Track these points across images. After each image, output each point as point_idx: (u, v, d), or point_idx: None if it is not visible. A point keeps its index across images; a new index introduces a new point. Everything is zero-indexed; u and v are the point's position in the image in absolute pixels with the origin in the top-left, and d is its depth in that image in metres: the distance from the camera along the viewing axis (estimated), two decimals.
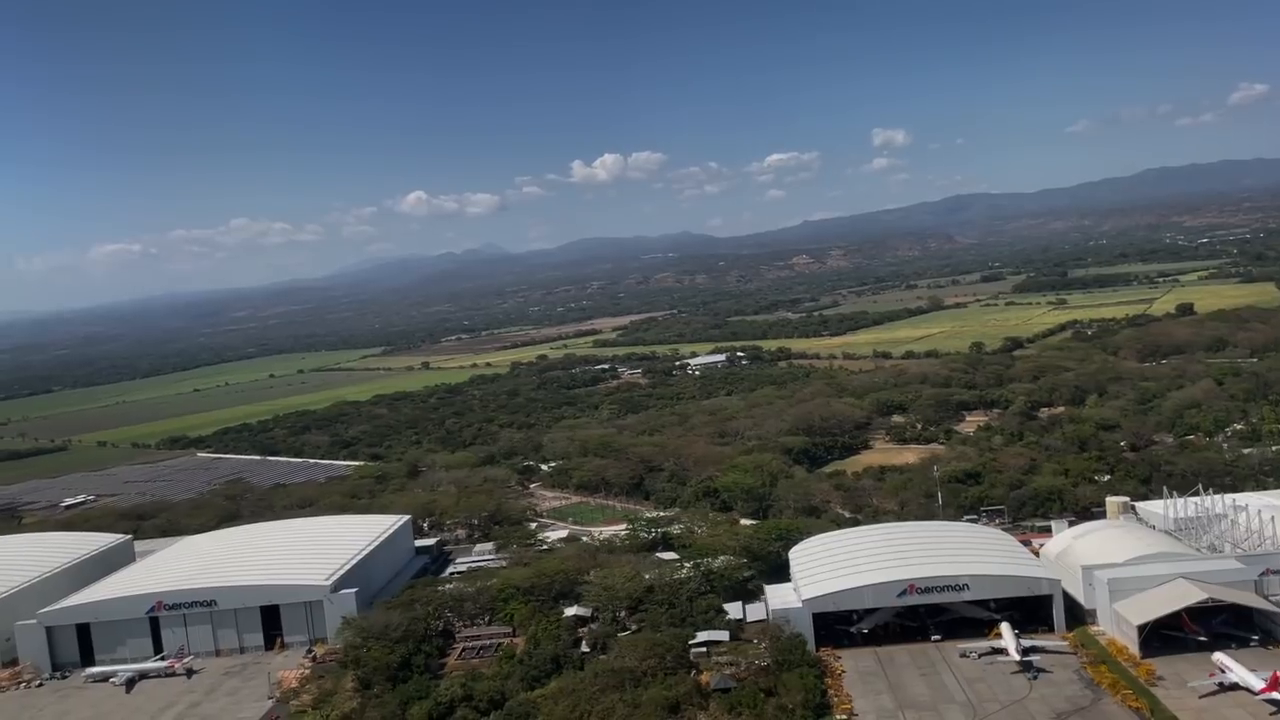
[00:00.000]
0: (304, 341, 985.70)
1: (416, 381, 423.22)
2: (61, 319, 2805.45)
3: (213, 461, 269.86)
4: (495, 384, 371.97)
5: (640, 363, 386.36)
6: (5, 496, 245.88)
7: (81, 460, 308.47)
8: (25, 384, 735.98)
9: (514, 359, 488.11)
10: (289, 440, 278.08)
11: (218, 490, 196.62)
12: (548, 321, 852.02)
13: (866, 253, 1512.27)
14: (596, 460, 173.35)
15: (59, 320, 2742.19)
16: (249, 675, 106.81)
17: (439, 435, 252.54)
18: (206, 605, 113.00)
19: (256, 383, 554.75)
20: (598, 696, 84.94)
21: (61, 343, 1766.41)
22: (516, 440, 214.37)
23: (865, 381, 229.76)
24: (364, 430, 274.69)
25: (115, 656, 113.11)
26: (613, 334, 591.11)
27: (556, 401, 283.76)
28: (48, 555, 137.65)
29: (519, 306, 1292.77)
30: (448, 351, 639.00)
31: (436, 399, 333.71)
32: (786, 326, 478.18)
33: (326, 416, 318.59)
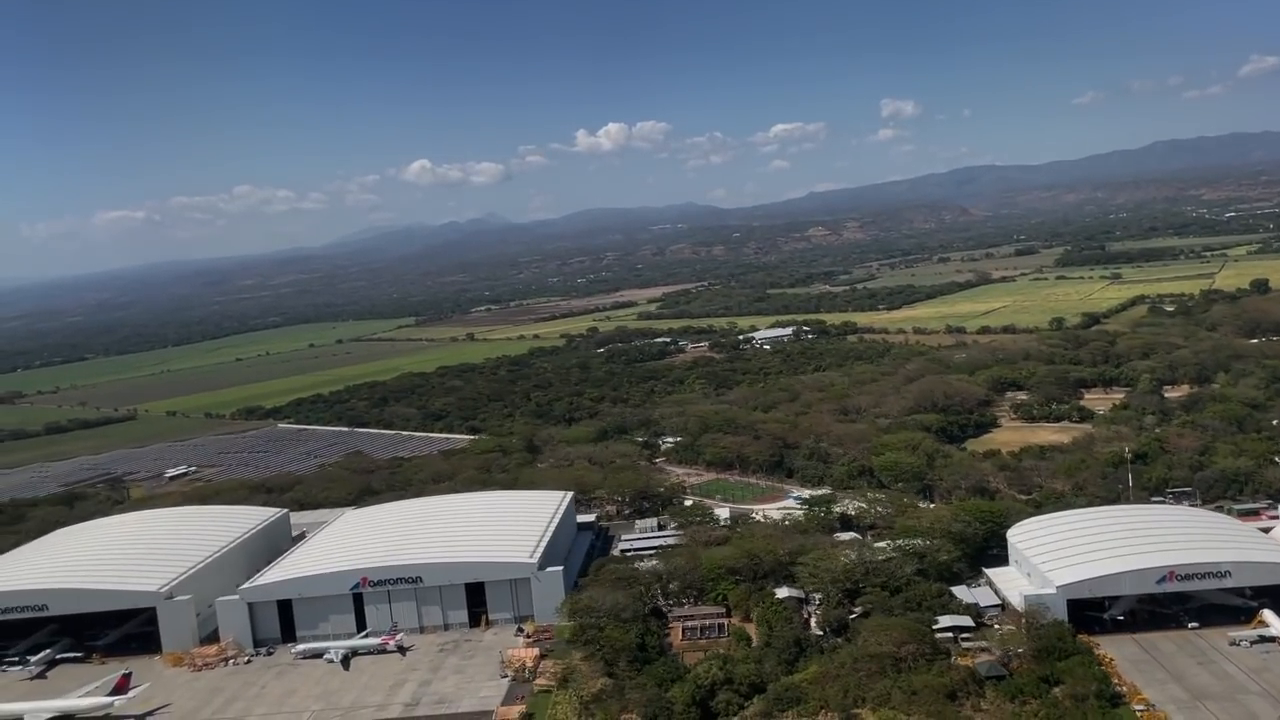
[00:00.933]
0: (324, 310, 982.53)
1: (470, 353, 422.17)
2: (66, 285, 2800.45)
3: (299, 433, 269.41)
4: (557, 356, 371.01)
5: (698, 336, 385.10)
6: (100, 466, 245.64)
7: (154, 430, 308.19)
8: (54, 351, 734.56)
9: (560, 330, 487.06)
10: (372, 412, 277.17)
11: (339, 463, 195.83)
12: (574, 293, 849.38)
13: (881, 224, 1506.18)
14: (728, 437, 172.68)
15: (63, 287, 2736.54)
16: (466, 653, 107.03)
17: (529, 409, 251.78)
18: (411, 582, 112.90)
19: (297, 352, 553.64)
20: (866, 682, 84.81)
21: (72, 310, 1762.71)
22: (627, 415, 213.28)
23: (970, 358, 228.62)
24: (448, 402, 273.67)
25: (317, 633, 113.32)
26: (651, 306, 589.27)
27: (639, 375, 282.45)
28: (213, 529, 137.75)
29: (535, 277, 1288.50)
30: (480, 323, 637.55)
31: (506, 371, 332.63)
32: (834, 300, 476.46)
33: (399, 388, 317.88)
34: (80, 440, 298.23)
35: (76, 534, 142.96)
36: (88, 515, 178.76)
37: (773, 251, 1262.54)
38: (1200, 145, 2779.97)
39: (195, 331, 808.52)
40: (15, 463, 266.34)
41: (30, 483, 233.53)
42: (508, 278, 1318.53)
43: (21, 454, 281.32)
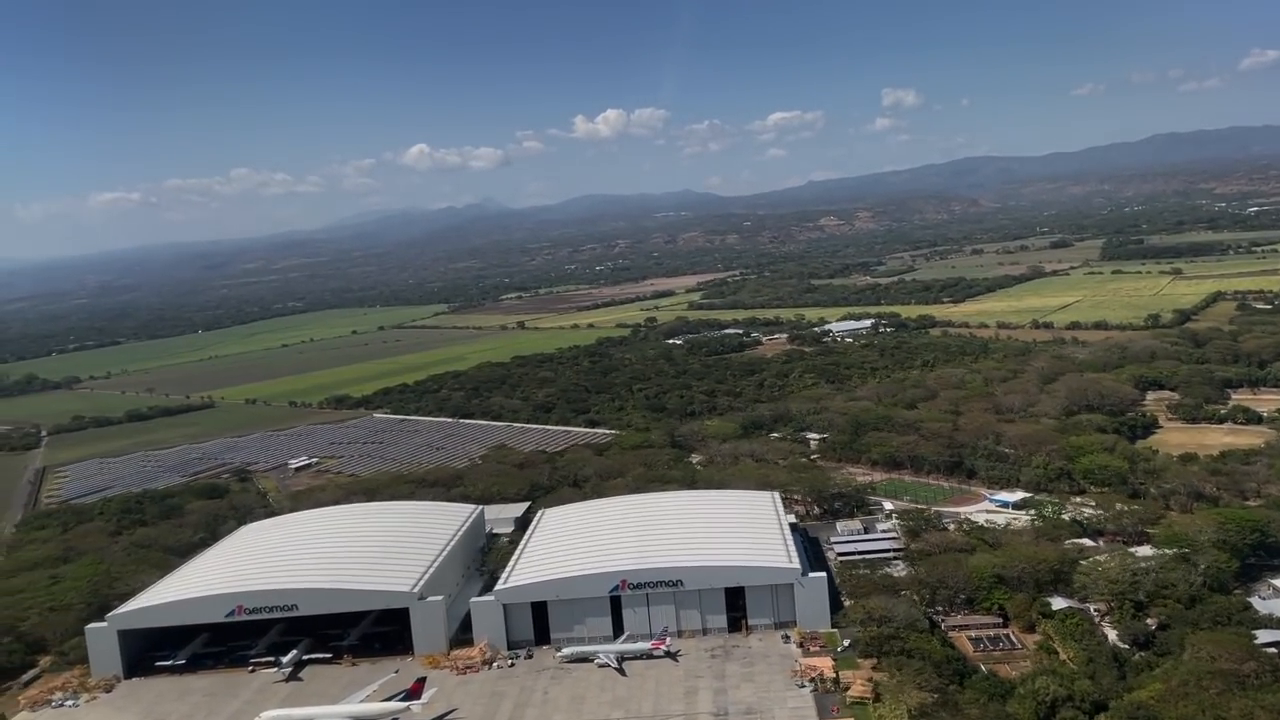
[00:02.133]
0: (344, 296, 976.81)
1: (531, 343, 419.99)
2: (61, 267, 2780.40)
3: (400, 423, 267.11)
4: (628, 347, 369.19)
5: (766, 328, 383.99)
6: (210, 455, 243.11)
7: (240, 418, 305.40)
8: (80, 335, 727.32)
9: (612, 319, 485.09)
10: (473, 403, 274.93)
11: (491, 457, 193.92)
12: (600, 281, 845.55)
13: (891, 215, 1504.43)
14: (898, 436, 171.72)
15: (59, 268, 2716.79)
16: (741, 659, 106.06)
17: (638, 402, 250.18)
18: (671, 585, 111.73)
19: (343, 339, 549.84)
20: (1221, 701, 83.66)
21: (75, 292, 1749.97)
22: (761, 410, 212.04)
23: (1096, 357, 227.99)
24: (550, 394, 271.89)
25: (572, 636, 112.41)
26: (694, 296, 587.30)
27: (737, 368, 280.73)
28: (426, 527, 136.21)
29: (548, 264, 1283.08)
30: (516, 310, 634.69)
31: (588, 362, 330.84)
32: (886, 292, 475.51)
33: (485, 378, 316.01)
34: (172, 428, 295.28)
35: (276, 531, 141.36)
36: (245, 509, 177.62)
37: (788, 241, 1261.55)
38: (1200, 138, 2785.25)
39: (222, 316, 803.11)
40: (115, 451, 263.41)
41: (146, 472, 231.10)
42: (521, 264, 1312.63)
43: (117, 442, 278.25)
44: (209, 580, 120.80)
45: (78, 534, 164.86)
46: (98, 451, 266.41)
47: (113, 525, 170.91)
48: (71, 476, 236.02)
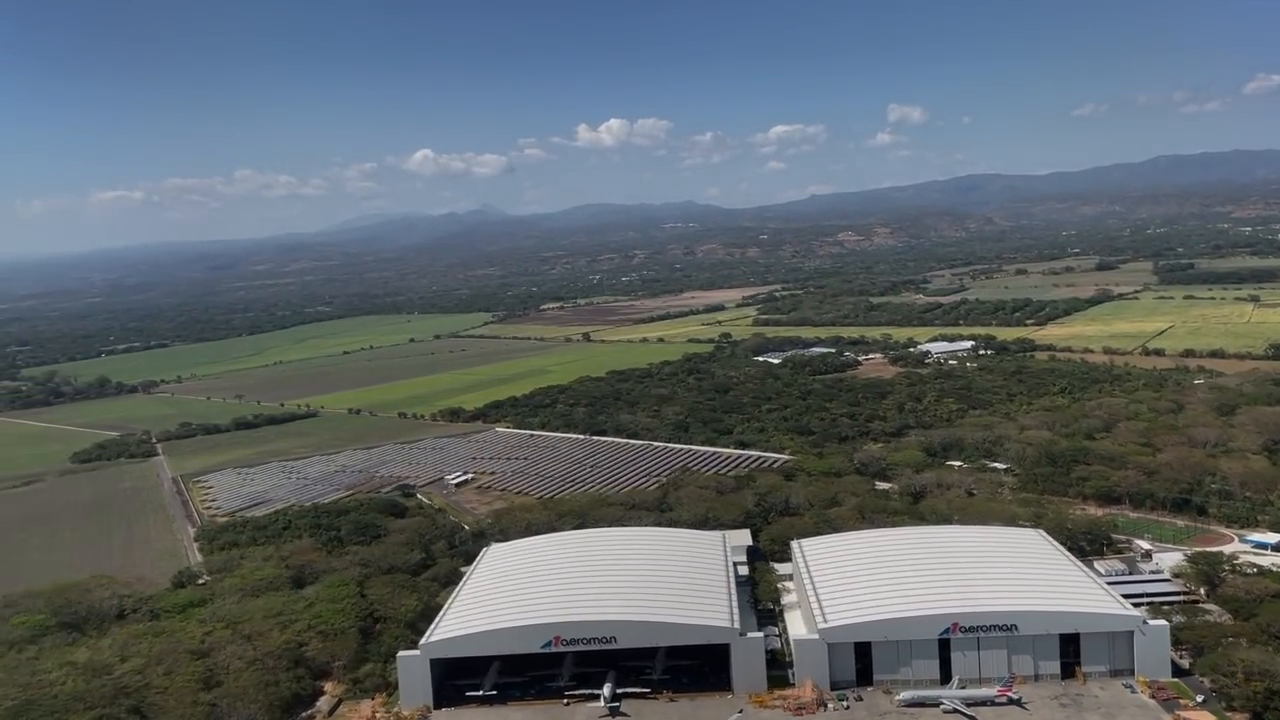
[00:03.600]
0: (375, 303, 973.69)
1: (604, 356, 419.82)
2: (64, 264, 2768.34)
3: (529, 438, 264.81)
4: (718, 362, 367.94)
5: (853, 347, 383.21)
6: (351, 468, 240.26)
7: (353, 428, 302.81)
8: (124, 335, 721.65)
9: (680, 333, 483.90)
10: (593, 418, 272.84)
11: (686, 479, 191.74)
12: (640, 292, 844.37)
13: (908, 231, 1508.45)
14: (1116, 471, 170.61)
15: (62, 265, 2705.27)
16: (1098, 709, 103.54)
17: (778, 423, 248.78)
18: (1005, 630, 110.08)
19: (402, 347, 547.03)
20: None
21: (86, 290, 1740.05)
22: (933, 437, 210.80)
23: (1260, 390, 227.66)
24: (677, 411, 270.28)
25: (897, 678, 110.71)
26: (748, 310, 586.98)
27: (868, 390, 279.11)
28: (699, 557, 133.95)
29: (571, 274, 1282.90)
30: (563, 321, 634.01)
31: (694, 379, 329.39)
32: (958, 312, 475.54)
33: (594, 393, 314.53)
34: (286, 437, 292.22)
35: (530, 555, 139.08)
36: (448, 528, 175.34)
37: (810, 255, 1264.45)
38: (1203, 161, 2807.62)
39: (261, 319, 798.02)
40: (241, 460, 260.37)
41: (295, 485, 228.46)
42: (542, 273, 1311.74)
43: (237, 450, 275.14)
44: (507, 608, 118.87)
45: (293, 550, 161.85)
46: (221, 461, 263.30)
47: (320, 543, 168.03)
48: (216, 487, 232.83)
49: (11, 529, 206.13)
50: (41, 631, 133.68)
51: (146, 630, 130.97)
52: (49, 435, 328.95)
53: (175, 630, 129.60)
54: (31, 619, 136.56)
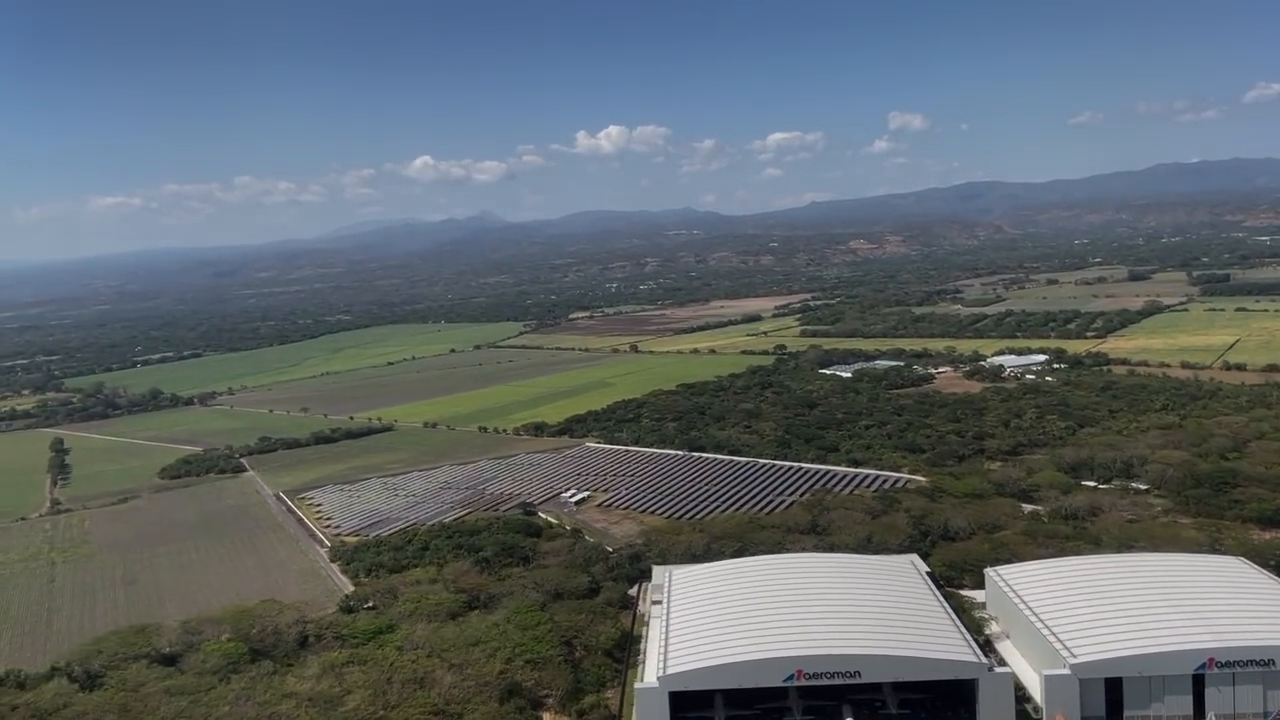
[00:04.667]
0: (393, 311, 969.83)
1: (660, 367, 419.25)
2: (62, 271, 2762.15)
3: (627, 454, 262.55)
4: (784, 375, 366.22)
5: (918, 359, 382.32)
6: (455, 485, 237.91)
7: (432, 443, 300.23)
8: (154, 345, 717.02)
9: (728, 344, 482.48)
10: (684, 434, 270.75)
11: (824, 502, 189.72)
12: (667, 301, 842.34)
13: (919, 239, 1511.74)
14: (1273, 493, 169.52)
15: (61, 272, 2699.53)
16: None
17: (882, 440, 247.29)
18: (1263, 665, 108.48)
19: (442, 358, 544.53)
20: None
21: (92, 298, 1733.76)
22: (1065, 455, 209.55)
23: None
24: (771, 426, 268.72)
25: (1148, 714, 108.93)
26: (789, 320, 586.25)
27: (963, 406, 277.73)
28: (895, 584, 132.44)
29: (584, 281, 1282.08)
30: (598, 332, 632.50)
31: (771, 393, 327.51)
32: (1009, 323, 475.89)
33: (675, 407, 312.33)
34: (372, 452, 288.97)
35: (723, 582, 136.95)
36: (595, 550, 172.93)
37: (824, 264, 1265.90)
38: (1203, 169, 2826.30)
39: (288, 329, 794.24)
40: (340, 476, 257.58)
41: (408, 503, 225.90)
42: (555, 281, 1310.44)
43: (328, 466, 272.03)
44: (738, 640, 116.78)
45: (456, 573, 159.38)
46: (316, 477, 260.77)
47: (475, 567, 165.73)
48: (324, 504, 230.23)
49: (132, 549, 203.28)
50: (236, 659, 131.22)
51: (347, 658, 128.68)
52: (121, 449, 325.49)
53: (378, 659, 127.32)
54: (223, 646, 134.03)
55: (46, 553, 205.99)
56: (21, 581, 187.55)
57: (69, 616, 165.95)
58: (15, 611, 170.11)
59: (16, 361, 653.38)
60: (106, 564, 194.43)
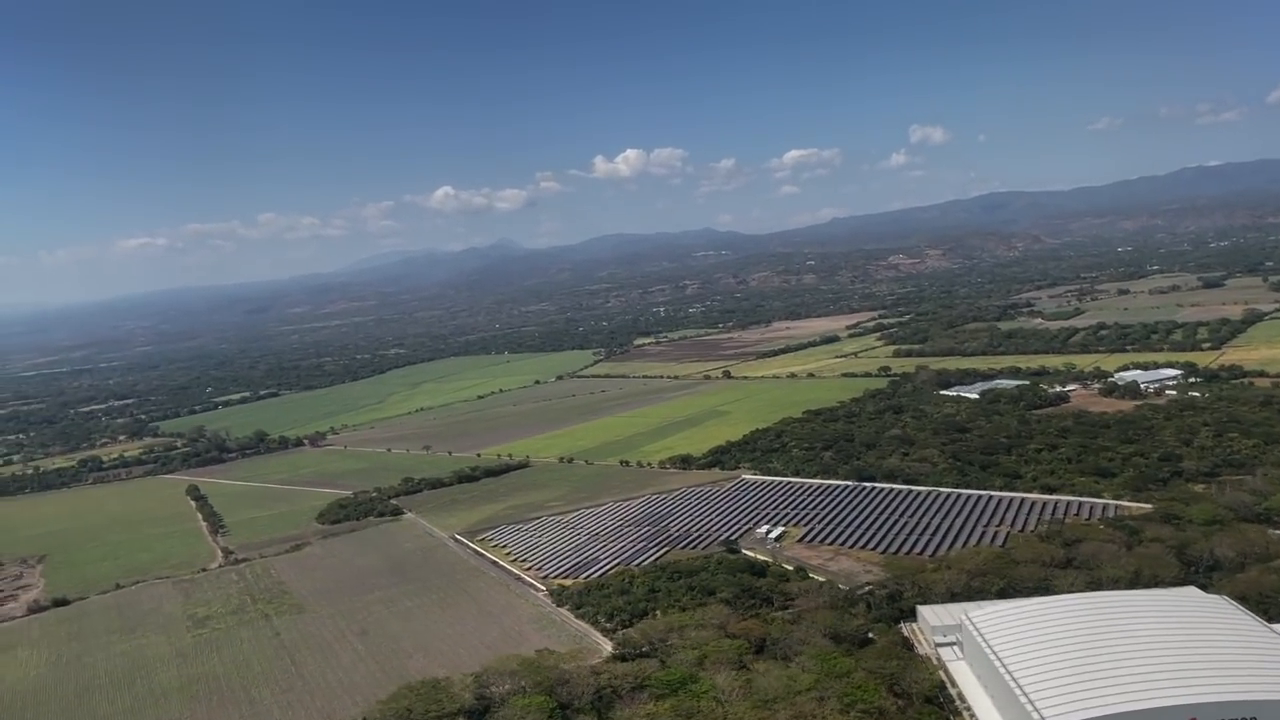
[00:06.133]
0: (449, 343, 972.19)
1: (765, 394, 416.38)
2: (93, 312, 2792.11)
3: (788, 485, 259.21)
4: (902, 399, 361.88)
5: (1038, 378, 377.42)
6: (630, 522, 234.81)
7: (577, 478, 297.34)
8: (223, 385, 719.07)
9: (819, 366, 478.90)
10: (845, 463, 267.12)
11: (1067, 533, 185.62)
12: (729, 323, 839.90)
13: (959, 253, 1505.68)
14: None
15: (91, 313, 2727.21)
16: None
17: (1055, 463, 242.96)
18: None
19: (528, 390, 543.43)
20: None
21: (131, 340, 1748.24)
22: None
23: None
24: (933, 453, 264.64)
25: None
26: (872, 340, 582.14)
27: (1132, 426, 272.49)
28: (1209, 623, 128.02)
29: (629, 306, 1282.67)
30: (671, 358, 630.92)
31: (910, 417, 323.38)
32: (1107, 338, 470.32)
33: (810, 435, 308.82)
34: (523, 490, 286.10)
35: (1045, 623, 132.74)
36: (930, 588, 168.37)
37: (867, 280, 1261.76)
38: (1227, 172, 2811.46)
39: (354, 365, 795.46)
40: (504, 515, 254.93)
41: (593, 542, 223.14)
42: (599, 307, 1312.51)
43: (488, 506, 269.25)
44: (1111, 686, 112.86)
45: (716, 616, 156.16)
46: (481, 518, 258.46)
47: (733, 612, 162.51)
48: (509, 546, 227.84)
49: (339, 599, 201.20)
50: (549, 713, 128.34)
51: (671, 710, 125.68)
52: (258, 495, 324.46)
53: (707, 711, 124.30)
54: (533, 700, 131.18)
55: (251, 605, 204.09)
56: (244, 635, 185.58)
57: (318, 671, 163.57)
58: (259, 667, 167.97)
59: (93, 408, 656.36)
60: (323, 615, 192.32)
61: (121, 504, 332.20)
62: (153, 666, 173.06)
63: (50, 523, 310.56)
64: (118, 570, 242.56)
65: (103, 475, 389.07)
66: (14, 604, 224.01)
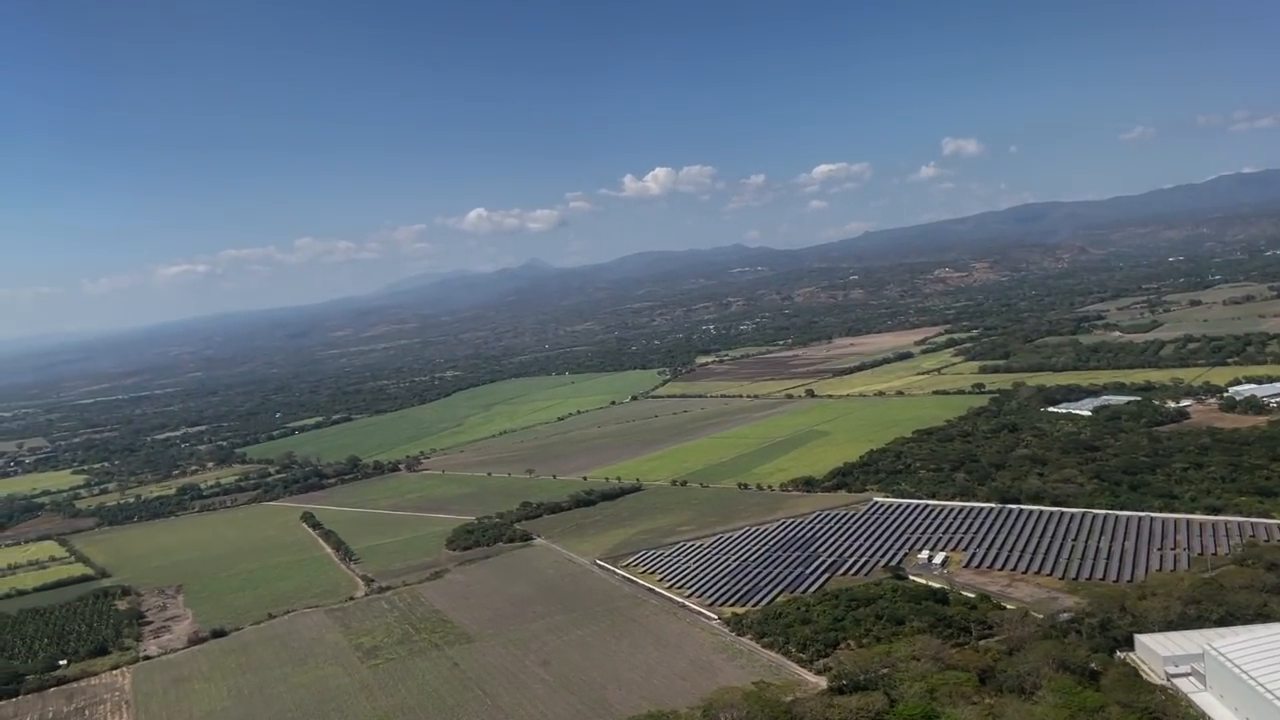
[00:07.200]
0: (505, 364, 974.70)
1: (862, 413, 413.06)
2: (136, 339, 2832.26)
3: (930, 509, 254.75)
4: (1015, 415, 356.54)
5: (1145, 393, 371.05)
6: (778, 547, 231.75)
7: (695, 500, 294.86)
8: (295, 410, 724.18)
9: (904, 385, 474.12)
10: (981, 484, 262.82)
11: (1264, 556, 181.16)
12: (786, 340, 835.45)
13: (1005, 265, 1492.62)
14: None
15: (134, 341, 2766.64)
16: None
17: (1210, 483, 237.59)
18: None
19: (605, 411, 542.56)
20: None
21: (180, 366, 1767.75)
22: None
23: None
24: (1073, 473, 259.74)
25: None
26: (947, 355, 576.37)
27: (1276, 446, 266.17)
28: None
29: (675, 324, 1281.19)
30: (738, 376, 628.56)
31: (1032, 435, 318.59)
32: (1198, 353, 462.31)
33: (933, 456, 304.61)
34: (651, 515, 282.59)
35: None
36: (1032, 622, 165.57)
37: (915, 294, 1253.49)
38: (1267, 179, 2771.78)
39: (418, 387, 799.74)
40: (637, 541, 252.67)
41: (743, 567, 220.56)
42: (645, 326, 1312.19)
43: (617, 531, 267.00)
44: None
45: (928, 647, 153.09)
46: (614, 543, 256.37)
47: (941, 640, 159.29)
48: (657, 572, 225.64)
49: (503, 628, 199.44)
50: None
51: None
52: (373, 521, 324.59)
53: None
54: None
55: (415, 635, 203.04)
56: (421, 666, 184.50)
57: (514, 703, 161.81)
58: (451, 699, 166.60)
59: (168, 435, 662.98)
60: (494, 645, 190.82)
61: (238, 532, 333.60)
62: (340, 699, 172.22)
63: (173, 552, 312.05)
64: (261, 599, 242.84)
65: (208, 503, 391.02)
66: (170, 635, 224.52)
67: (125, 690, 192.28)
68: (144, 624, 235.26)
